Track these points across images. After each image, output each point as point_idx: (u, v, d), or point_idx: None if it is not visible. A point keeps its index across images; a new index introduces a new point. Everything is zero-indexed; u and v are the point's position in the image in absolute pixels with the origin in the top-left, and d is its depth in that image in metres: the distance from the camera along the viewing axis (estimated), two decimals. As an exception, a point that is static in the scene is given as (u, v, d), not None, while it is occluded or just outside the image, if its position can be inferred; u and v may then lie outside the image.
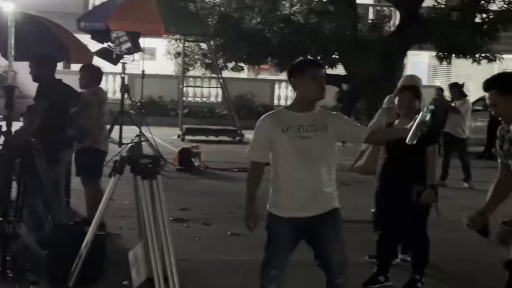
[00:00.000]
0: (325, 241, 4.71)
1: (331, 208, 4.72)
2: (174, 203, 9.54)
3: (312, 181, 4.62)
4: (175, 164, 13.74)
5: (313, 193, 4.64)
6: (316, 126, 4.63)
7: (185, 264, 6.71)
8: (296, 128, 4.62)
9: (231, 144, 19.72)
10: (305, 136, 4.60)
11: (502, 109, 4.48)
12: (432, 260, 6.68)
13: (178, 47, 22.94)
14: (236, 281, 6.57)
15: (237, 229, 8.60)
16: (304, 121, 4.64)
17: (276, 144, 4.66)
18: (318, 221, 4.67)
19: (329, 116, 4.77)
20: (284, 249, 4.79)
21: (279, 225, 4.76)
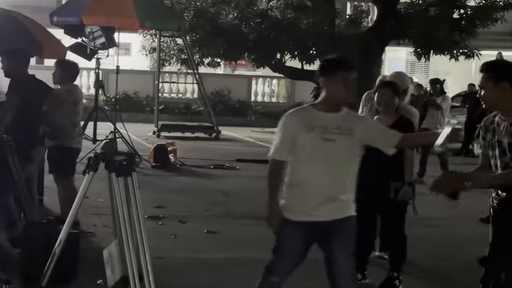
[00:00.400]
0: (335, 251, 4.60)
1: (346, 216, 4.61)
2: (149, 200, 9.54)
3: (330, 186, 4.52)
4: (151, 161, 13.71)
5: (329, 199, 4.53)
6: (342, 129, 4.51)
7: (160, 262, 6.70)
8: (321, 129, 4.50)
9: (207, 141, 19.73)
10: (328, 139, 4.48)
11: (486, 94, 4.52)
12: (410, 257, 6.73)
13: (154, 42, 22.84)
14: (212, 279, 6.58)
15: (213, 227, 8.63)
16: (329, 123, 4.52)
17: (298, 144, 4.54)
18: (330, 228, 4.56)
19: (356, 119, 4.70)
20: (290, 255, 4.66)
21: (289, 229, 4.63)
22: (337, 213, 4.56)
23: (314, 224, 4.54)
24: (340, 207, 4.57)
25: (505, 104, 4.50)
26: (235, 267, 6.97)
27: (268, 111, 27.17)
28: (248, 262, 7.07)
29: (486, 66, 4.57)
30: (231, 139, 20.90)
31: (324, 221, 4.53)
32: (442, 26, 20.28)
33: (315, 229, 4.56)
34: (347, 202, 4.62)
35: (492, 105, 4.58)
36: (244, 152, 17.00)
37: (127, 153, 6.25)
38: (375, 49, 21.13)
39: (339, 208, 4.57)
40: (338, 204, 4.55)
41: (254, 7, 21.25)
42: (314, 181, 4.49)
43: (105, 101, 20.74)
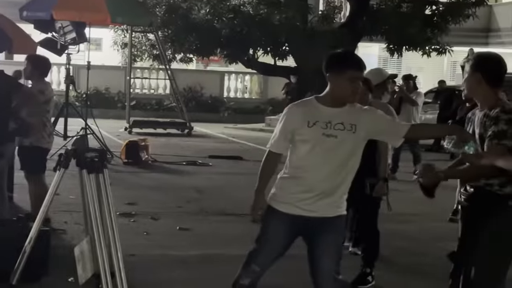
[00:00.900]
0: (320, 249, 4.50)
1: (337, 214, 4.52)
2: (121, 197, 9.50)
3: (327, 182, 4.41)
4: (122, 158, 13.65)
5: (324, 195, 4.43)
6: (345, 125, 4.38)
7: (132, 259, 6.68)
8: (323, 124, 4.37)
9: (179, 137, 19.69)
10: (330, 134, 4.36)
11: (466, 81, 4.62)
12: (383, 253, 6.76)
13: (125, 37, 22.71)
14: (184, 276, 6.57)
15: (185, 223, 8.62)
16: (333, 118, 4.39)
17: (298, 137, 4.44)
18: (320, 224, 4.46)
19: (361, 113, 4.48)
20: (273, 246, 4.57)
21: (275, 220, 4.54)
22: (330, 211, 4.47)
23: (303, 219, 4.45)
24: (333, 205, 4.48)
25: (478, 95, 4.60)
26: (208, 264, 6.96)
27: (240, 107, 27.24)
28: (221, 259, 7.10)
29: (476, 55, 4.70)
30: (204, 135, 20.88)
31: (314, 217, 4.45)
32: (414, 23, 20.43)
33: (304, 223, 4.47)
34: (341, 200, 4.54)
35: (468, 93, 4.71)
36: (217, 148, 17.00)
37: (98, 149, 6.19)
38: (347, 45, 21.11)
39: (332, 205, 4.48)
40: (332, 201, 4.47)
41: (227, 3, 21.23)
42: (312, 176, 4.41)
43: (76, 97, 20.59)
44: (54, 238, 6.57)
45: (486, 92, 4.55)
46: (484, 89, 4.54)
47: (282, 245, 4.58)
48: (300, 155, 4.44)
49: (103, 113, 21.36)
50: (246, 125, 24.06)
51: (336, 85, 4.41)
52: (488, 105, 4.54)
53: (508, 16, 30.60)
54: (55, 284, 5.98)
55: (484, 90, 4.54)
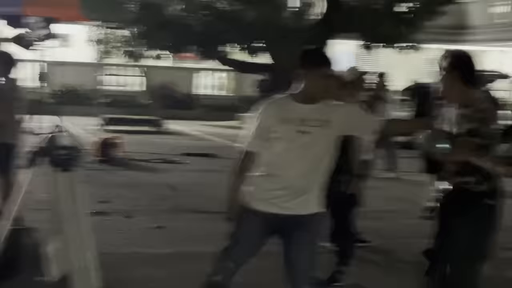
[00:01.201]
0: (296, 247, 4.48)
1: (314, 212, 4.48)
2: (94, 195, 9.46)
3: (301, 180, 4.39)
4: (96, 155, 13.60)
5: (300, 193, 4.41)
6: (319, 121, 4.37)
7: (106, 257, 6.61)
8: (297, 121, 4.36)
9: (153, 134, 19.68)
10: (304, 131, 4.35)
11: (442, 79, 4.63)
12: (357, 250, 6.78)
13: (98, 34, 22.62)
14: (159, 274, 6.56)
15: (160, 221, 8.60)
16: (307, 115, 4.37)
17: (273, 135, 4.40)
18: (296, 222, 4.43)
19: (335, 109, 4.47)
20: (248, 243, 4.57)
21: (250, 217, 4.50)
22: (306, 209, 4.44)
23: (279, 216, 4.43)
24: (310, 202, 4.45)
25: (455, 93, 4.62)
26: (182, 262, 6.95)
27: (214, 104, 27.22)
28: (195, 257, 7.06)
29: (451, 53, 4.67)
30: (178, 132, 20.86)
31: (290, 215, 4.42)
32: (388, 20, 20.53)
33: (280, 221, 4.44)
34: (318, 197, 4.51)
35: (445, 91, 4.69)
36: (191, 145, 17.00)
37: (71, 147, 6.16)
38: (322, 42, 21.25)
39: (310, 203, 4.45)
40: (308, 199, 4.44)
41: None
42: (287, 173, 4.38)
43: (49, 94, 20.45)
44: (26, 237, 6.51)
45: (462, 90, 4.58)
46: (460, 87, 4.57)
47: (256, 243, 4.56)
48: (274, 152, 4.41)
49: (76, 110, 21.24)
50: (220, 122, 24.08)
51: (309, 82, 4.39)
52: (464, 103, 4.57)
53: (483, 13, 30.87)
54: (27, 283, 5.96)
55: (460, 88, 4.57)
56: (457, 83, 4.57)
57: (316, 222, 4.54)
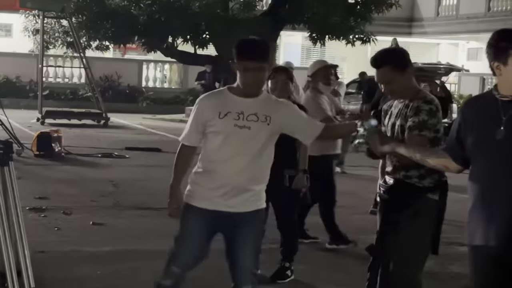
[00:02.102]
0: (239, 245, 4.42)
1: (255, 209, 4.42)
2: (31, 191, 9.37)
3: (242, 175, 4.32)
4: (33, 150, 13.44)
5: (240, 189, 4.34)
6: (258, 116, 4.29)
7: (42, 256, 6.58)
8: (235, 115, 4.27)
9: (95, 128, 19.52)
10: (243, 126, 4.26)
11: (397, 85, 4.57)
12: (302, 246, 6.82)
13: (37, 23, 22.30)
14: (96, 272, 6.48)
15: (99, 218, 8.53)
16: (245, 108, 4.29)
17: (210, 129, 4.33)
18: (238, 220, 4.37)
19: (276, 105, 4.42)
20: (193, 245, 4.47)
21: (193, 217, 4.43)
22: (248, 205, 4.38)
23: (221, 214, 4.36)
24: (251, 199, 4.39)
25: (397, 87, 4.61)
26: (122, 260, 6.90)
27: (160, 97, 27.14)
28: (136, 255, 7.07)
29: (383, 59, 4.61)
30: (121, 126, 20.72)
31: (232, 212, 4.36)
32: (338, 11, 20.66)
33: (222, 219, 4.37)
34: (260, 193, 4.45)
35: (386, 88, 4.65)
36: (134, 140, 16.91)
37: (4, 141, 6.08)
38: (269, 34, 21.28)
39: (251, 200, 4.39)
40: (250, 196, 4.38)
41: (145, -12, 21.09)
42: (226, 169, 4.32)
43: (-16, 86, 20.16)
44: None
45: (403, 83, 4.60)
46: (400, 80, 4.58)
47: (201, 243, 4.48)
48: (213, 147, 4.35)
49: (14, 102, 21.00)
50: (165, 115, 24.00)
51: (238, 75, 4.34)
52: (408, 96, 4.60)
53: (431, 6, 31.34)
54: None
55: (400, 82, 4.58)
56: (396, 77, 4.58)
57: (259, 218, 4.52)
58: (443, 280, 6.66)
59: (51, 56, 25.29)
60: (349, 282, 6.38)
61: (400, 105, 4.63)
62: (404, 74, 4.57)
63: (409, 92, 4.60)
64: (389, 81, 4.58)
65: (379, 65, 4.59)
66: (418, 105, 4.49)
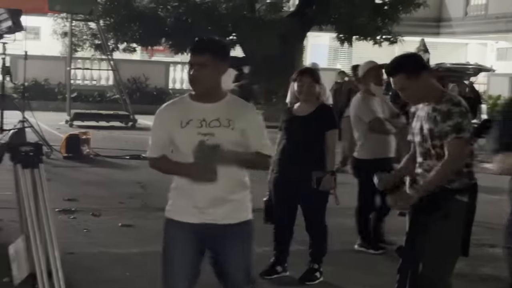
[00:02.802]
0: (225, 261, 4.21)
1: (241, 221, 4.18)
2: (61, 193, 9.44)
3: (216, 186, 4.01)
4: (62, 152, 13.53)
5: (218, 200, 4.08)
6: (221, 121, 4.04)
7: (71, 258, 6.63)
8: (197, 123, 4.03)
9: (123, 130, 19.58)
10: (207, 133, 4.00)
11: (413, 91, 4.60)
12: (331, 248, 6.80)
13: (65, 26, 22.46)
14: (125, 274, 6.54)
15: (127, 220, 8.57)
16: (207, 114, 4.05)
17: (175, 140, 4.11)
18: (223, 234, 4.13)
19: (238, 109, 4.15)
20: (181, 264, 4.21)
21: (176, 232, 4.22)
22: (230, 217, 4.14)
23: (205, 227, 4.12)
24: (232, 210, 4.14)
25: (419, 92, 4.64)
26: (150, 262, 6.89)
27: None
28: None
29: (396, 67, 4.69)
30: (148, 128, 20.47)
31: (215, 224, 4.12)
32: (365, 12, 20.60)
33: (206, 232, 4.13)
34: (241, 203, 4.20)
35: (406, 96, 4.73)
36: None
37: (34, 143, 6.12)
38: (296, 35, 21.30)
39: (232, 211, 4.13)
40: (230, 207, 4.13)
41: (172, -10, 21.17)
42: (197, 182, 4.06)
43: (13, 88, 20.27)
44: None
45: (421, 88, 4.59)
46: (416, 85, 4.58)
47: (191, 258, 4.22)
48: (179, 159, 4.12)
49: (43, 105, 21.11)
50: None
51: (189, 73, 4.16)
52: (432, 98, 4.59)
53: (459, 5, 31.08)
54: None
55: (417, 87, 4.58)
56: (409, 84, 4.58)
57: (246, 231, 4.25)
58: (474, 282, 6.63)
59: (79, 58, 25.41)
60: (378, 283, 6.37)
61: (427, 108, 4.62)
62: (419, 78, 4.58)
63: (431, 94, 4.61)
64: (404, 88, 4.62)
65: (393, 74, 4.65)
66: (448, 108, 4.50)
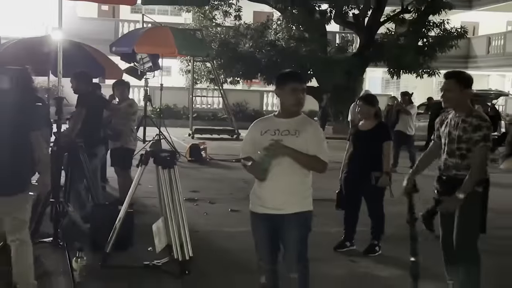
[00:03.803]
0: (287, 240, 4.05)
1: (297, 211, 4.01)
2: (187, 187, 9.53)
3: (283, 181, 3.96)
4: (187, 157, 13.72)
5: (284, 193, 3.97)
6: (290, 131, 4.01)
7: (196, 234, 6.72)
8: (272, 132, 4.03)
9: (230, 141, 19.71)
10: (278, 139, 3.96)
11: (453, 96, 4.53)
12: (387, 230, 6.69)
13: (188, 65, 22.87)
14: (234, 246, 6.57)
15: (235, 206, 8.61)
16: (281, 126, 4.04)
17: (257, 146, 4.04)
18: (286, 220, 4.00)
19: (307, 124, 4.07)
20: (264, 243, 4.14)
21: (255, 222, 4.16)
22: (293, 208, 4.01)
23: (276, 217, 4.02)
24: (295, 201, 4.02)
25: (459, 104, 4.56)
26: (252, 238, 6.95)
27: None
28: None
29: (452, 73, 4.62)
30: (248, 139, 20.85)
31: (282, 214, 4.01)
32: (410, 52, 20.23)
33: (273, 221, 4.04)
34: (303, 195, 4.06)
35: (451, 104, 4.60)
36: (258, 149, 16.95)
37: (169, 150, 6.26)
38: (357, 70, 21.07)
39: (294, 202, 4.02)
40: (293, 198, 4.01)
41: (265, 39, 21.25)
42: (271, 178, 3.99)
43: (152, 111, 20.72)
44: (137, 218, 6.62)
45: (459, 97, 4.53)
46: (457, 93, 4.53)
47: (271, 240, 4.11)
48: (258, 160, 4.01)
49: (172, 122, 21.43)
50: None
51: (282, 98, 4.09)
52: (463, 111, 4.53)
53: (483, 46, 30.15)
54: (138, 253, 6.01)
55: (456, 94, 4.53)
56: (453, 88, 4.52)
57: (305, 218, 4.06)
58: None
59: (198, 89, 25.77)
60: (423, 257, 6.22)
61: (457, 119, 4.53)
62: (462, 90, 4.51)
63: (463, 107, 4.53)
64: (449, 90, 4.54)
65: (448, 77, 4.60)
66: (479, 123, 4.43)
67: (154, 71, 13.92)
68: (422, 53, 20.78)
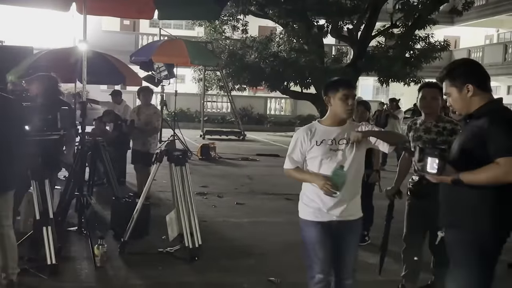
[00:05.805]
0: (348, 247, 3.62)
1: (357, 217, 3.65)
2: (197, 182, 9.56)
3: (349, 188, 3.51)
4: (198, 155, 13.72)
5: (343, 201, 3.52)
6: (347, 139, 3.53)
7: (205, 224, 6.72)
8: (329, 142, 3.53)
9: (236, 141, 19.73)
10: (337, 149, 3.52)
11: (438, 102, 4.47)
12: (376, 221, 6.67)
13: (200, 74, 22.85)
14: (240, 235, 6.56)
15: (241, 200, 8.61)
16: (336, 135, 3.55)
17: (311, 156, 3.56)
18: (342, 226, 3.56)
19: (357, 128, 3.61)
20: (329, 253, 3.57)
21: (313, 230, 3.57)
22: (350, 214, 3.60)
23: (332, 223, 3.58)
24: (352, 208, 3.62)
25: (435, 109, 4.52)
26: (256, 227, 6.95)
27: (278, 121, 27.17)
28: (265, 224, 7.09)
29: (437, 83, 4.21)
30: (253, 140, 20.88)
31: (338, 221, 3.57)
32: (398, 63, 20.17)
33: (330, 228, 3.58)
34: (356, 202, 3.66)
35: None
36: (262, 149, 16.99)
37: (182, 149, 6.25)
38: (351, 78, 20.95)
39: (351, 209, 3.61)
40: (350, 205, 3.59)
41: (269, 50, 21.19)
42: None
43: (167, 114, 20.77)
44: (153, 210, 6.62)
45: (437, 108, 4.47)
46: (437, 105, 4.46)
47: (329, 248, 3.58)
48: (314, 169, 3.57)
49: (185, 125, 21.45)
50: (281, 133, 24.03)
51: (334, 105, 3.57)
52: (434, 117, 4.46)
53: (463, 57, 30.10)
54: (153, 241, 6.01)
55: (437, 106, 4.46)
56: None
57: (359, 225, 3.70)
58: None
59: (209, 95, 25.75)
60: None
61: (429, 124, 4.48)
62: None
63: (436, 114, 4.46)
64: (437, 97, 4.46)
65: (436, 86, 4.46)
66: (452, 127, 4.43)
67: (170, 79, 13.92)
68: (409, 64, 20.70)
